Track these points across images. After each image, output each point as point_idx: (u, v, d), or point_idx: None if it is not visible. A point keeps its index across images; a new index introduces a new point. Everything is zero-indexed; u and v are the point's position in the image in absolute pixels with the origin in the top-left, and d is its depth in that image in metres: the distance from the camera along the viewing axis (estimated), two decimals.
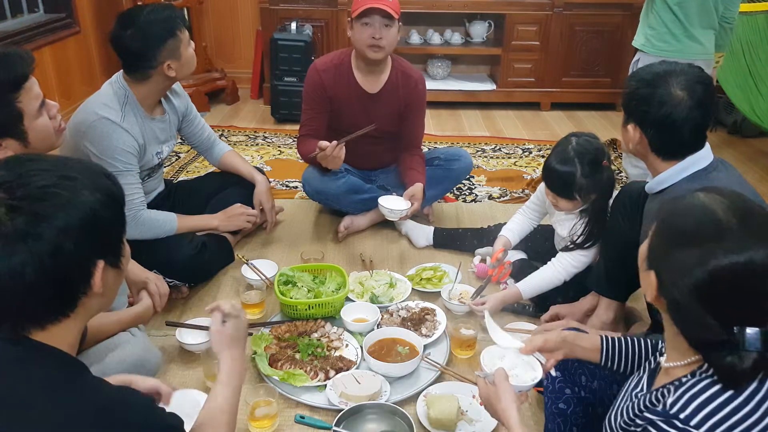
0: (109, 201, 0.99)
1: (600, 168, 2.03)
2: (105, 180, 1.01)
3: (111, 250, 1.03)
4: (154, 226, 2.24)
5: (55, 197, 0.92)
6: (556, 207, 2.15)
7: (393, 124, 2.73)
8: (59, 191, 0.93)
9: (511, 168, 3.66)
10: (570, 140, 2.06)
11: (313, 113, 2.67)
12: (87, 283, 0.98)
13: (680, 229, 1.03)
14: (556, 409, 1.52)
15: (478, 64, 5.05)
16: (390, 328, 2.08)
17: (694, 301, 0.98)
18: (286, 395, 1.84)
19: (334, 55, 2.71)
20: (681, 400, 0.98)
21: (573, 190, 2.03)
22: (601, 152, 2.04)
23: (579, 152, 2.01)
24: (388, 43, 2.53)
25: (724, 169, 1.66)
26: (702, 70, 1.67)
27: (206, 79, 4.54)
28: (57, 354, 0.98)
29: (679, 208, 1.06)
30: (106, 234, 1.00)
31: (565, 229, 2.23)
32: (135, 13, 2.17)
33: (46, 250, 0.90)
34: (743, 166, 3.63)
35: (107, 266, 1.00)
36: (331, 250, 2.70)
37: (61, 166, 0.97)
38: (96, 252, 0.98)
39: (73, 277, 0.96)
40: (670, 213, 1.07)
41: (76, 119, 2.17)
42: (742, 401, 0.96)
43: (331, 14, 4.45)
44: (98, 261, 0.99)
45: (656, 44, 2.78)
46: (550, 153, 2.10)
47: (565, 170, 2.02)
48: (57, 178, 0.94)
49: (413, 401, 1.83)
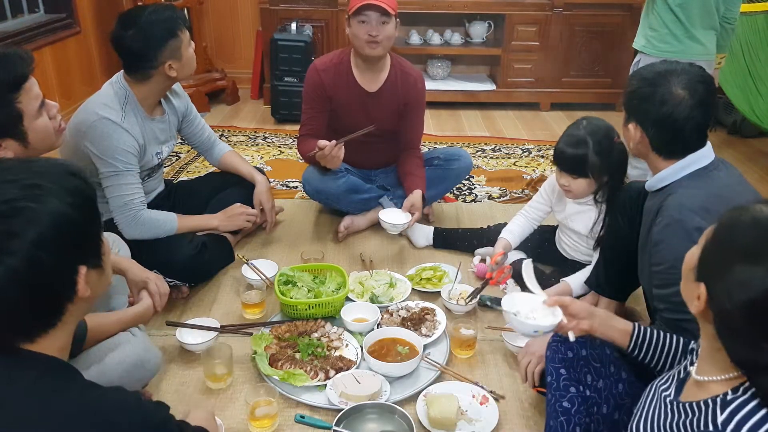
0: (79, 201, 0.96)
1: (612, 144, 2.06)
2: (72, 179, 0.97)
3: (91, 252, 1.00)
4: (154, 226, 2.25)
5: (22, 212, 0.89)
6: (569, 193, 2.15)
7: (392, 122, 2.74)
8: (26, 204, 0.90)
9: (510, 168, 3.66)
10: (581, 122, 2.11)
11: (313, 113, 2.67)
12: (72, 290, 0.96)
13: (743, 244, 0.98)
14: (560, 408, 1.51)
15: (477, 65, 5.05)
16: (390, 328, 2.08)
17: (748, 320, 0.94)
18: (286, 395, 1.84)
19: (334, 55, 2.71)
20: (732, 421, 0.95)
21: (586, 167, 2.06)
22: (611, 130, 2.08)
23: (591, 131, 2.06)
24: (385, 39, 2.53)
25: (725, 169, 1.66)
26: (703, 69, 1.67)
27: (206, 79, 4.55)
28: (46, 360, 0.97)
29: (744, 220, 1.00)
30: (83, 237, 0.98)
31: (581, 223, 2.21)
32: (136, 13, 2.17)
33: (22, 266, 0.88)
34: (743, 166, 3.63)
35: (89, 269, 0.99)
36: (331, 250, 2.70)
37: (24, 173, 0.93)
38: (76, 258, 0.96)
39: (56, 287, 0.95)
40: (733, 224, 1.01)
41: (77, 119, 2.17)
42: None
43: (331, 14, 4.45)
44: (80, 267, 0.97)
45: (657, 45, 2.78)
46: (561, 136, 2.14)
47: (578, 148, 2.06)
48: (21, 189, 0.91)
49: (413, 401, 1.83)
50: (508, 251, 2.36)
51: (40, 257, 0.89)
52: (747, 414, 0.95)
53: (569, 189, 2.13)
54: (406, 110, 2.73)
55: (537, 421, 1.79)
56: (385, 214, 2.56)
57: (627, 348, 1.42)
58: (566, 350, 1.55)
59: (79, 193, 0.97)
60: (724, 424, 0.95)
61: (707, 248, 1.04)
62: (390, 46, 2.59)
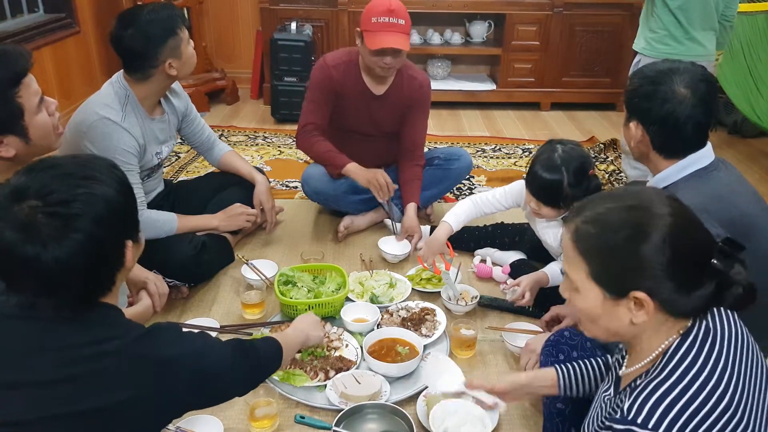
0: (123, 189, 1.14)
1: (587, 177, 2.00)
2: (115, 171, 1.16)
3: (133, 228, 1.19)
4: (154, 226, 2.24)
5: (82, 197, 1.06)
6: (538, 214, 2.11)
7: (394, 125, 2.73)
8: (85, 191, 1.07)
9: (511, 168, 3.66)
10: (555, 148, 2.02)
11: (316, 106, 2.63)
12: (121, 261, 1.15)
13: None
14: (555, 409, 1.52)
15: (478, 64, 5.05)
16: (390, 328, 2.08)
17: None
18: (286, 395, 1.84)
19: (344, 53, 2.69)
20: (636, 403, 0.98)
21: (559, 199, 2.00)
22: (587, 161, 2.02)
23: (566, 160, 1.98)
24: (399, 64, 2.54)
25: (725, 169, 1.66)
26: (705, 68, 1.67)
27: (206, 79, 4.55)
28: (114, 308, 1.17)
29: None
30: (128, 216, 1.17)
31: (551, 237, 2.21)
32: (135, 12, 2.17)
33: (86, 240, 1.04)
34: (743, 166, 3.63)
35: (133, 243, 1.18)
36: (331, 250, 2.70)
37: (79, 167, 1.11)
38: (124, 234, 1.15)
39: (111, 258, 1.13)
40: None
41: (77, 119, 2.17)
42: (693, 393, 0.96)
43: (331, 14, 4.45)
44: (127, 241, 1.16)
45: (657, 47, 2.78)
46: (534, 160, 2.05)
47: (553, 179, 1.98)
48: (79, 179, 1.08)
49: (413, 401, 1.83)
50: (450, 236, 2.35)
51: (99, 233, 1.06)
52: (649, 393, 0.98)
53: (538, 213, 2.09)
54: (409, 113, 2.72)
55: (537, 421, 1.79)
56: (385, 244, 2.58)
57: (559, 393, 1.44)
58: (558, 353, 1.56)
59: (122, 181, 1.15)
60: (629, 410, 0.98)
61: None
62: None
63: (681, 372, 0.99)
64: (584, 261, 1.06)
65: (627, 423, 0.96)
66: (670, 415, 0.94)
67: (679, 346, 1.03)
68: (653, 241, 1.00)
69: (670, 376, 0.99)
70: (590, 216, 1.07)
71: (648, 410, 0.96)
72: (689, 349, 1.02)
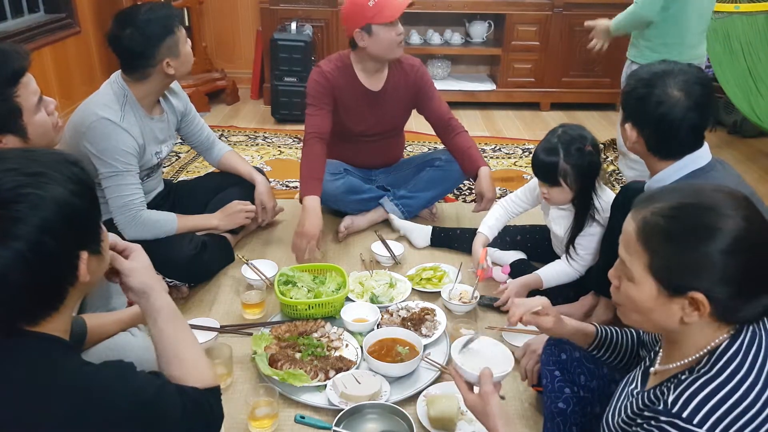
0: (80, 189, 0.99)
1: (582, 152, 2.05)
2: (73, 168, 1.00)
3: (91, 238, 1.03)
4: (154, 226, 2.24)
5: (27, 198, 0.92)
6: (549, 200, 2.16)
7: (402, 117, 2.76)
8: (31, 190, 0.92)
9: (511, 168, 3.66)
10: (556, 130, 2.10)
11: (317, 111, 2.62)
12: (73, 275, 0.99)
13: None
14: (556, 409, 1.52)
15: (477, 65, 5.05)
16: (390, 328, 2.08)
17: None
18: (286, 395, 1.84)
19: (336, 58, 2.71)
20: (681, 398, 0.98)
21: (557, 176, 2.05)
22: (583, 138, 2.06)
23: (563, 139, 2.05)
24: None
25: (722, 169, 1.66)
26: (701, 70, 1.67)
27: (206, 79, 4.54)
28: (48, 339, 1.00)
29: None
30: (84, 223, 1.01)
31: (561, 227, 2.23)
32: (132, 12, 2.17)
33: (28, 250, 0.91)
34: (743, 166, 3.64)
35: (90, 255, 1.02)
36: (331, 250, 2.69)
37: (26, 161, 0.96)
38: (78, 244, 0.99)
39: (59, 271, 0.98)
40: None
41: (75, 120, 2.17)
42: (741, 395, 0.96)
43: (331, 14, 4.44)
44: (81, 252, 1.00)
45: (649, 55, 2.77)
46: (537, 144, 2.14)
47: (549, 156, 2.05)
48: (25, 176, 0.93)
49: (413, 401, 1.83)
50: (486, 245, 2.36)
51: (44, 242, 0.92)
52: (697, 389, 0.98)
53: (548, 197, 2.15)
54: (421, 95, 2.74)
55: (537, 421, 1.79)
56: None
57: (590, 347, 1.45)
58: (560, 352, 1.56)
59: (80, 181, 0.99)
60: (673, 403, 0.97)
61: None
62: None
63: (730, 372, 0.98)
64: (646, 253, 1.04)
65: (671, 416, 0.96)
66: (716, 414, 0.94)
67: (729, 347, 1.01)
68: (722, 243, 0.97)
69: (719, 375, 0.98)
70: (660, 208, 1.04)
71: (695, 406, 0.96)
72: (738, 351, 1.00)
